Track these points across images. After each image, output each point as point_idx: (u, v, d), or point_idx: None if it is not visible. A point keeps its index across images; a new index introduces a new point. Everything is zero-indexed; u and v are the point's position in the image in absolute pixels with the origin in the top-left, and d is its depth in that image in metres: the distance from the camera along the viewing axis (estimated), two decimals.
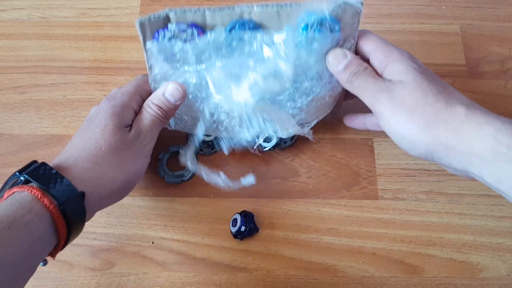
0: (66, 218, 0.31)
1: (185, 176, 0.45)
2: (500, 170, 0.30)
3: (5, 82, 0.50)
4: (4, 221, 0.28)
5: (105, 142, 0.35)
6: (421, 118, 0.33)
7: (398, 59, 0.36)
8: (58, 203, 0.31)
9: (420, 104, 0.34)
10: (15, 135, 0.48)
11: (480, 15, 0.54)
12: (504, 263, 0.43)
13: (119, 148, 0.36)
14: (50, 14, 0.54)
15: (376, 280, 0.42)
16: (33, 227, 0.29)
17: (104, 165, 0.34)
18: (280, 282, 0.42)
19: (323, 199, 0.45)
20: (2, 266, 0.27)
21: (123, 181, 0.36)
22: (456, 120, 0.32)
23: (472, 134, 0.31)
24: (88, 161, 0.34)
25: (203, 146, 0.46)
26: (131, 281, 0.42)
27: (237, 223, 0.43)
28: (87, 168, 0.34)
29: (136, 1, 0.55)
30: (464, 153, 0.31)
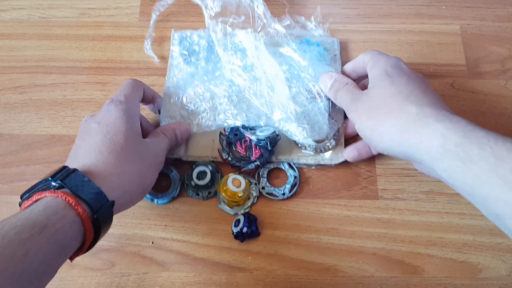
0: (95, 226, 0.31)
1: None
2: (451, 167, 0.31)
3: (5, 82, 0.50)
4: (36, 226, 0.28)
5: (130, 148, 0.35)
6: (374, 119, 0.36)
7: (377, 66, 0.39)
8: (91, 211, 0.31)
9: (378, 106, 0.37)
10: (15, 135, 0.48)
11: (480, 15, 0.54)
12: (504, 263, 0.43)
13: (142, 155, 0.36)
14: (50, 14, 0.54)
15: (376, 280, 0.42)
16: (62, 234, 0.29)
17: (128, 173, 0.35)
18: (280, 282, 0.42)
19: (323, 199, 0.45)
20: (28, 272, 0.27)
21: (143, 189, 0.37)
22: (408, 118, 0.34)
23: (420, 131, 0.33)
24: (116, 167, 0.34)
25: (199, 190, 0.44)
26: (131, 281, 0.42)
27: (239, 223, 0.43)
28: (116, 174, 0.34)
29: (136, 1, 0.55)
30: (416, 150, 0.33)
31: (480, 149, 0.30)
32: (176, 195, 0.45)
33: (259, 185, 0.45)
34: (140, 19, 0.54)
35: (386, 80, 0.37)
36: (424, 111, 0.34)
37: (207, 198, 0.45)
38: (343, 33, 0.53)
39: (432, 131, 0.32)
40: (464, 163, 0.30)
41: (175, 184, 0.45)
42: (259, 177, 0.45)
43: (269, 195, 0.45)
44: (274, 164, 0.46)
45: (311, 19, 0.50)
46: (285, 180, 0.45)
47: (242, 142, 0.45)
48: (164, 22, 0.54)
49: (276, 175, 0.46)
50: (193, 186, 0.44)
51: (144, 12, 0.54)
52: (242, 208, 0.44)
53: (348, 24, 0.54)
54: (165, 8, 0.52)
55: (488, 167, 0.29)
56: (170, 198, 0.44)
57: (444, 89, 0.50)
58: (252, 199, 0.44)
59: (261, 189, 0.45)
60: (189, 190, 0.45)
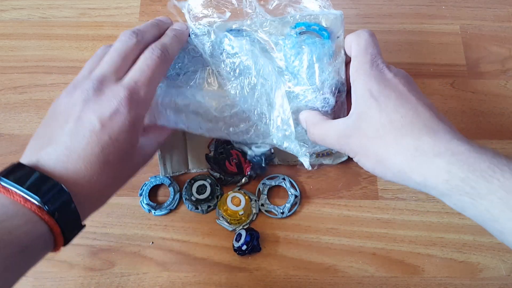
0: (57, 221, 0.28)
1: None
2: (460, 202, 0.30)
3: (5, 82, 0.50)
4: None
5: (120, 166, 0.32)
6: (373, 156, 0.33)
7: (359, 81, 0.34)
8: (43, 204, 0.27)
9: (372, 140, 0.33)
10: (15, 135, 0.48)
11: (480, 15, 0.54)
12: (504, 263, 0.43)
13: (130, 168, 0.33)
14: (50, 14, 0.54)
15: (376, 280, 0.42)
16: (18, 232, 0.26)
17: (106, 184, 0.31)
18: (280, 282, 0.42)
19: (323, 199, 0.45)
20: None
21: (120, 185, 0.34)
22: (407, 155, 0.31)
23: (423, 170, 0.31)
24: (78, 158, 0.29)
25: (199, 203, 0.44)
26: (131, 281, 0.42)
27: (241, 239, 0.42)
28: (78, 167, 0.29)
29: (136, 1, 0.55)
30: (423, 187, 0.31)
31: (487, 182, 0.28)
32: (174, 207, 0.44)
33: (258, 201, 0.44)
34: (140, 19, 0.54)
35: (373, 106, 0.33)
36: (422, 145, 0.31)
37: (206, 211, 0.44)
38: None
39: (435, 168, 0.30)
40: (472, 198, 0.29)
41: (173, 196, 0.44)
42: (259, 193, 0.45)
43: (267, 213, 0.44)
44: (276, 181, 0.45)
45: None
46: (286, 198, 0.45)
47: (230, 160, 0.44)
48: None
49: (276, 192, 0.46)
50: (193, 200, 0.44)
51: (144, 12, 0.54)
52: (241, 225, 0.43)
53: (348, 24, 0.53)
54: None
55: (498, 201, 0.28)
56: (167, 210, 0.44)
57: (444, 89, 0.50)
58: (252, 216, 0.44)
59: (261, 206, 0.44)
60: (188, 204, 0.44)
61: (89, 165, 0.30)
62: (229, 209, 0.42)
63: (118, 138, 0.31)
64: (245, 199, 0.43)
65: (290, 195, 0.44)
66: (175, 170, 0.45)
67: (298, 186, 0.45)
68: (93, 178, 0.30)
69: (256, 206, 0.44)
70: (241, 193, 0.43)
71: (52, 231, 0.28)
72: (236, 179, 0.45)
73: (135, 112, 0.31)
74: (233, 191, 0.44)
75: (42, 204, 0.27)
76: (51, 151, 0.30)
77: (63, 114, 0.31)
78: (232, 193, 0.43)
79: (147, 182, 0.45)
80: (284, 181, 0.45)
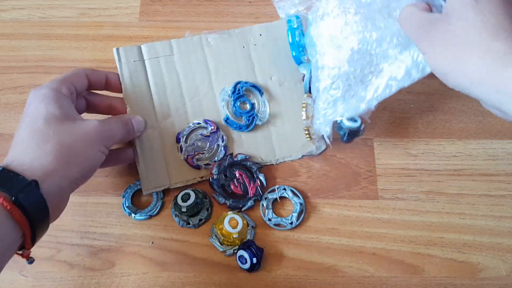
0: (23, 209, 0.30)
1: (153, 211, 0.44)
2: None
3: (5, 82, 0.50)
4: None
5: (53, 128, 0.34)
6: (451, 55, 0.31)
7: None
8: (9, 195, 0.30)
9: (457, 39, 0.31)
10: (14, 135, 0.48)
11: None
12: (504, 263, 0.43)
13: (70, 133, 0.35)
14: (50, 14, 0.54)
15: (376, 280, 0.42)
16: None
17: (50, 152, 0.33)
18: (280, 282, 0.42)
19: (323, 199, 0.45)
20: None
21: (79, 164, 0.35)
22: (493, 58, 0.29)
23: (507, 75, 0.28)
24: (35, 151, 0.33)
25: (189, 218, 0.43)
26: (131, 281, 0.42)
27: (246, 262, 0.41)
28: (37, 157, 0.33)
29: (136, 1, 0.55)
30: (502, 94, 0.29)
31: None
32: (155, 214, 0.44)
33: (265, 217, 0.44)
34: (140, 19, 0.54)
35: (469, 6, 0.30)
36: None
37: (198, 225, 0.44)
38: None
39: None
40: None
41: (155, 202, 0.44)
42: (264, 209, 0.44)
43: (276, 226, 0.44)
44: (277, 193, 0.44)
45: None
46: (291, 208, 0.45)
47: (235, 181, 0.44)
48: (164, 22, 0.54)
49: (280, 204, 0.45)
50: (182, 213, 0.43)
51: (144, 12, 0.54)
52: (232, 248, 0.42)
53: None
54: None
55: None
56: (147, 216, 0.44)
57: (444, 89, 0.50)
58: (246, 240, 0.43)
59: (268, 220, 0.44)
60: (179, 220, 0.43)
61: (20, 144, 0.34)
62: (225, 229, 0.42)
63: (34, 109, 0.36)
64: (243, 223, 0.42)
65: (295, 203, 0.44)
66: (157, 184, 0.44)
67: (300, 193, 0.45)
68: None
69: (251, 233, 0.43)
70: (240, 215, 0.43)
71: (14, 217, 0.30)
72: (242, 203, 0.44)
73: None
74: (234, 212, 0.43)
75: (6, 194, 0.30)
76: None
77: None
78: (231, 213, 0.43)
79: (132, 185, 0.45)
80: (285, 191, 0.44)
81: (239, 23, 0.53)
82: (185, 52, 0.47)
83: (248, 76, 0.47)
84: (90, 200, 0.45)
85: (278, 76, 0.47)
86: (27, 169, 0.32)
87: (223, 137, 0.45)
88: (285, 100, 0.47)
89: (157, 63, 0.46)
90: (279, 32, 0.48)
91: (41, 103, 0.35)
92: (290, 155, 0.46)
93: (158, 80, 0.46)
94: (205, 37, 0.48)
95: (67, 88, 0.38)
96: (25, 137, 0.34)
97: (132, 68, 0.45)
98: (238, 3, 0.54)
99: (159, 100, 0.45)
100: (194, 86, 0.46)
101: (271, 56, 0.48)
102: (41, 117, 0.35)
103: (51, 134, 0.34)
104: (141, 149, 0.44)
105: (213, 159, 0.45)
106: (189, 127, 0.45)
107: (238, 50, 0.48)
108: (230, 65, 0.47)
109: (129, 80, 0.45)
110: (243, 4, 0.54)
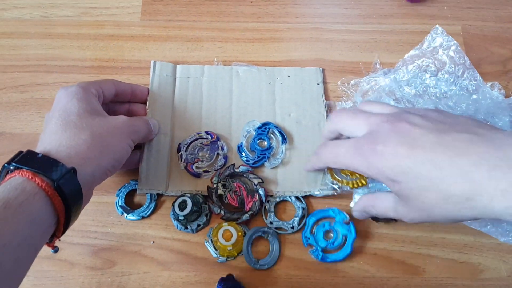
0: (62, 195, 0.31)
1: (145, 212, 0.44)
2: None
3: (6, 81, 0.50)
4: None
5: (86, 122, 0.36)
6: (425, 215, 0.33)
7: (374, 172, 0.34)
8: (51, 180, 0.31)
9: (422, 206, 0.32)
10: (16, 134, 0.48)
11: (481, 15, 0.54)
12: (505, 264, 0.43)
13: (102, 126, 0.37)
14: (51, 13, 0.54)
15: (377, 281, 0.42)
16: (28, 206, 0.29)
17: (85, 141, 0.35)
18: (281, 282, 0.42)
19: (323, 199, 0.45)
20: (1, 245, 0.27)
21: (109, 154, 0.37)
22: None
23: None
24: (71, 140, 0.34)
25: (188, 223, 0.43)
26: (132, 281, 0.42)
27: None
28: (72, 146, 0.34)
29: (137, 1, 0.55)
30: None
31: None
32: (147, 215, 0.44)
33: (266, 220, 0.44)
34: (141, 18, 0.54)
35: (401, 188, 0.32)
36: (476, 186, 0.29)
37: (196, 230, 0.44)
38: (345, 33, 0.53)
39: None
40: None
41: (148, 203, 0.44)
42: (266, 212, 0.44)
43: (278, 230, 0.43)
44: (280, 197, 0.44)
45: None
46: (293, 212, 0.44)
47: (233, 193, 0.43)
48: (166, 21, 0.54)
49: (283, 208, 0.45)
50: (181, 220, 0.43)
51: (145, 12, 0.54)
52: (226, 258, 0.42)
53: (349, 25, 0.54)
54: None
55: None
56: (139, 217, 0.44)
57: None
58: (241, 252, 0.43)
59: (269, 224, 0.43)
60: (177, 224, 0.43)
61: (54, 135, 0.35)
62: (219, 242, 0.42)
63: (66, 105, 0.37)
64: (237, 234, 0.42)
65: (297, 208, 0.44)
66: (152, 187, 0.44)
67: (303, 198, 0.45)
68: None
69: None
70: (236, 226, 0.42)
71: (54, 203, 0.31)
72: (237, 216, 0.43)
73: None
74: (229, 223, 0.43)
75: (48, 180, 0.31)
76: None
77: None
78: (226, 225, 0.42)
79: (126, 185, 0.45)
80: (289, 196, 0.44)
81: (240, 22, 0.53)
82: (214, 77, 0.49)
83: (268, 108, 0.48)
84: (91, 199, 0.45)
85: (297, 114, 0.48)
86: (64, 157, 0.33)
87: (223, 146, 0.45)
88: (299, 138, 0.47)
89: (186, 82, 0.49)
90: (307, 76, 0.50)
91: (72, 99, 0.37)
92: (291, 191, 0.45)
93: (182, 96, 0.48)
94: (236, 69, 0.50)
95: (95, 89, 0.40)
96: (59, 128, 0.35)
97: (163, 81, 0.48)
98: (240, 3, 0.55)
99: (178, 112, 0.47)
100: (214, 108, 0.48)
101: (294, 96, 0.49)
102: (73, 111, 0.36)
103: (84, 126, 0.36)
104: (148, 150, 0.45)
105: (213, 167, 0.45)
106: (190, 138, 0.46)
107: (264, 85, 0.49)
108: (253, 96, 0.49)
109: (157, 89, 0.48)
110: (245, 4, 0.54)
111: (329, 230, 0.43)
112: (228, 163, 0.45)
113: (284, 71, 0.50)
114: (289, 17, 0.54)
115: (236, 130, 0.47)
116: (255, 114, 0.48)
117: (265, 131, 0.46)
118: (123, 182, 0.46)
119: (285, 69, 0.50)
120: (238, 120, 0.47)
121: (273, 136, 0.47)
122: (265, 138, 0.46)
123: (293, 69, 0.50)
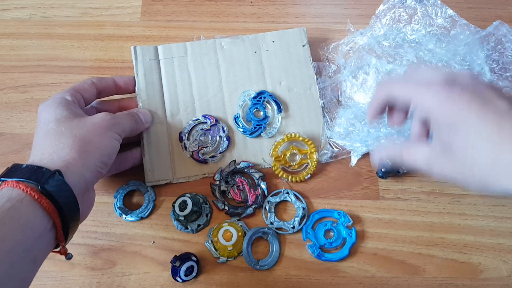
0: (51, 198, 0.32)
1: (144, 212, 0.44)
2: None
3: (6, 81, 0.50)
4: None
5: (64, 126, 0.37)
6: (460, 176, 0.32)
7: (435, 118, 0.33)
8: (35, 185, 0.31)
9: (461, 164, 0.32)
10: (16, 134, 0.48)
11: (481, 15, 0.54)
12: (505, 263, 0.43)
13: (82, 127, 0.37)
14: (51, 13, 0.54)
15: (377, 280, 0.42)
16: (16, 211, 0.30)
17: (66, 144, 0.35)
18: (281, 282, 0.42)
19: (324, 199, 0.45)
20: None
21: (95, 153, 0.37)
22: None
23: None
24: (52, 146, 0.35)
25: (188, 223, 0.43)
26: (132, 281, 0.42)
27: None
28: (53, 152, 0.35)
29: (137, 1, 0.55)
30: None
31: None
32: (146, 216, 0.44)
33: (267, 220, 0.44)
34: (141, 18, 0.54)
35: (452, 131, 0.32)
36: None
37: (197, 231, 0.44)
38: (345, 33, 0.53)
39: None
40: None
41: (147, 204, 0.44)
42: (266, 212, 0.44)
43: (278, 230, 0.43)
44: (280, 196, 0.44)
45: None
46: (293, 212, 0.45)
47: (235, 188, 0.44)
48: (165, 22, 0.54)
49: (283, 208, 0.45)
50: (181, 220, 0.43)
51: (145, 12, 0.54)
52: (226, 258, 0.42)
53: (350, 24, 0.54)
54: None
55: None
56: (138, 218, 0.44)
57: None
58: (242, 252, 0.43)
59: (270, 224, 0.43)
60: (178, 224, 0.43)
61: (37, 146, 0.36)
62: (219, 243, 0.42)
63: (45, 116, 0.38)
64: (237, 234, 0.42)
65: (298, 208, 0.44)
66: (160, 178, 0.45)
67: (303, 197, 0.45)
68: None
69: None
70: (236, 226, 0.43)
71: (43, 205, 0.31)
72: (241, 210, 0.44)
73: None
74: (229, 223, 0.43)
75: (33, 185, 0.32)
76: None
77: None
78: (226, 225, 0.43)
79: (124, 186, 0.45)
80: (288, 195, 0.44)
81: (240, 23, 0.53)
82: (198, 54, 0.48)
83: (258, 79, 0.48)
84: None
85: (287, 81, 0.48)
86: (47, 163, 0.34)
87: (224, 128, 0.45)
88: (293, 105, 0.47)
89: (171, 63, 0.48)
90: (291, 40, 0.49)
91: (49, 110, 0.38)
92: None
93: (170, 79, 0.47)
94: (219, 41, 0.49)
95: (71, 95, 0.40)
96: (40, 139, 0.36)
97: (147, 66, 0.47)
98: (240, 3, 0.55)
99: (169, 97, 0.47)
100: (204, 87, 0.47)
101: (282, 62, 0.49)
102: (51, 120, 0.37)
103: (63, 130, 0.36)
104: (148, 142, 0.45)
105: (218, 150, 0.45)
106: (189, 125, 0.46)
107: (250, 55, 0.49)
108: (241, 69, 0.48)
109: (143, 77, 0.47)
110: (245, 4, 0.54)
111: (330, 230, 0.43)
112: (230, 145, 0.46)
113: (267, 36, 0.49)
114: (289, 17, 0.54)
115: (230, 107, 0.47)
116: (246, 87, 0.47)
117: (260, 101, 0.46)
118: (125, 182, 0.46)
119: (268, 34, 0.49)
120: (230, 97, 0.47)
121: (269, 105, 0.47)
122: (260, 108, 0.46)
123: (276, 33, 0.49)
